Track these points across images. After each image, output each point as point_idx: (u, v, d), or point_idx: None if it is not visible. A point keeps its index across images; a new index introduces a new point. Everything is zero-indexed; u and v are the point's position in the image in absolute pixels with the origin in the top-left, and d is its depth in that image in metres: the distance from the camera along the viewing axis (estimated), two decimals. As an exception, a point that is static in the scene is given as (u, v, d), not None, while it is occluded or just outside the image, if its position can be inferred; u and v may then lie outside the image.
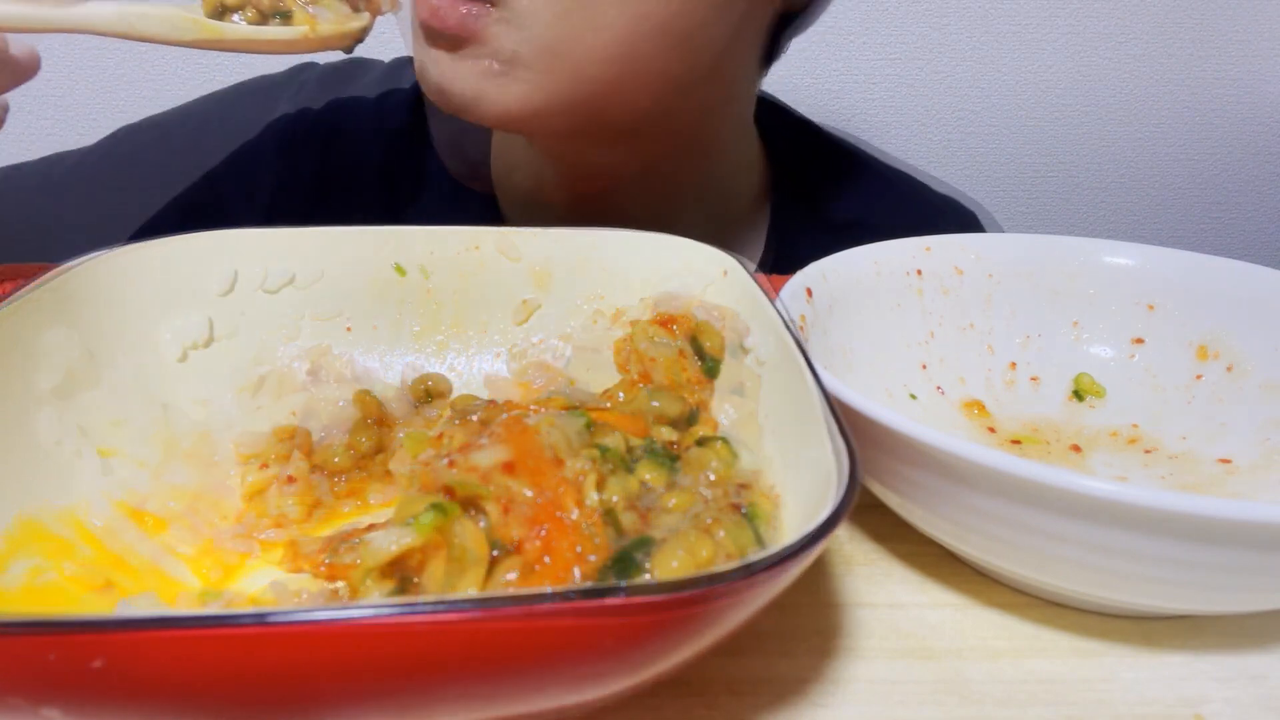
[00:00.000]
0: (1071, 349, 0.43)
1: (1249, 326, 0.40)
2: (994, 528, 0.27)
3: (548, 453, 0.27)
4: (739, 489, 0.29)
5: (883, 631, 0.29)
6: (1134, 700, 0.27)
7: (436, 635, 0.18)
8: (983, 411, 0.40)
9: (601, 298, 0.39)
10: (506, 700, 0.20)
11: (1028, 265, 0.43)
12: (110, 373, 0.33)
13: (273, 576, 0.29)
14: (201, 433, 0.34)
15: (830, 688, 0.27)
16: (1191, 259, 0.42)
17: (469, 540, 0.24)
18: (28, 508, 0.28)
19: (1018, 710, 0.26)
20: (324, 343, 0.38)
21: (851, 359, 0.38)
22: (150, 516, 0.31)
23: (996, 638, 0.29)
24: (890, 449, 0.28)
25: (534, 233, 0.39)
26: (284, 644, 0.18)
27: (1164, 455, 0.38)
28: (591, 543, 0.24)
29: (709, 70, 0.54)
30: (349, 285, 0.38)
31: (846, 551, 0.33)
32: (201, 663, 0.18)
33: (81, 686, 0.18)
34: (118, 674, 0.18)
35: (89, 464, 0.31)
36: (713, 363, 0.36)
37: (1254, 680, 0.28)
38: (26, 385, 0.30)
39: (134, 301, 0.35)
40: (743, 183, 0.67)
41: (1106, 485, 0.24)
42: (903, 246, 0.42)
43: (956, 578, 0.32)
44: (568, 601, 0.18)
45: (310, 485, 0.33)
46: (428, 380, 0.37)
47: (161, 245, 0.36)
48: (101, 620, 0.17)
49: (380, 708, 0.20)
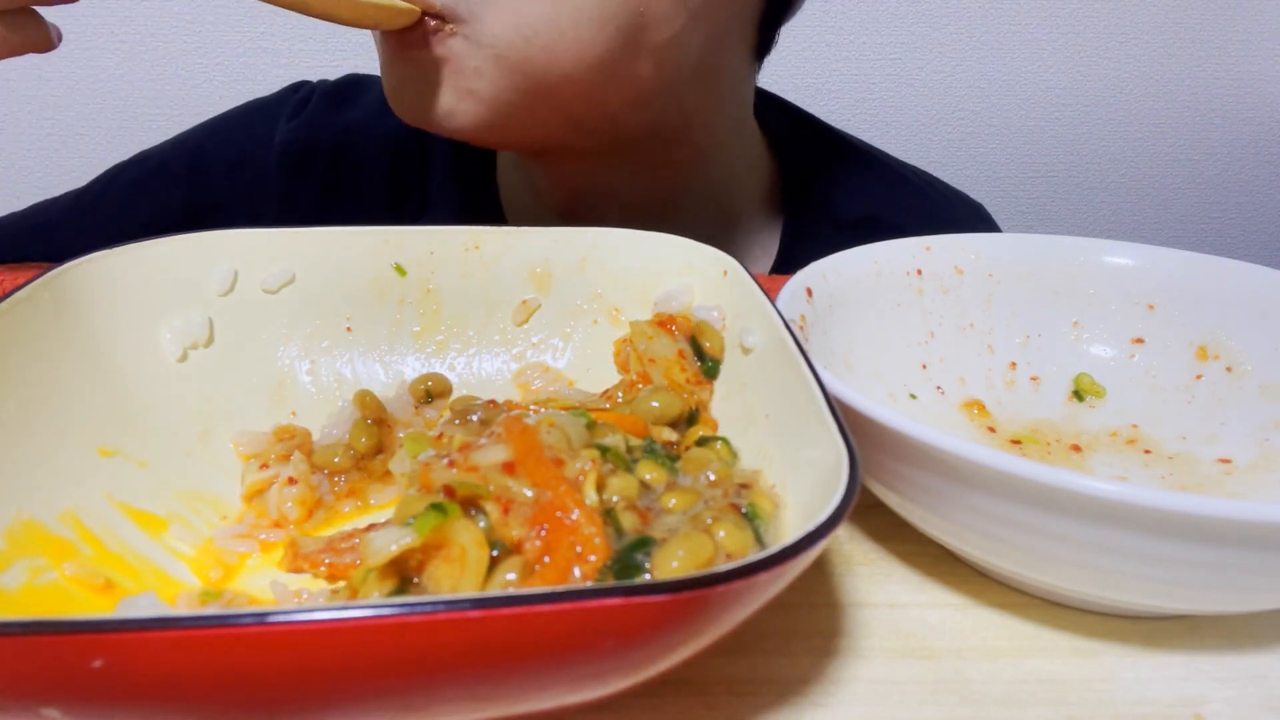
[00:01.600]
0: (1071, 349, 0.43)
1: (1249, 327, 0.40)
2: (994, 528, 0.27)
3: (548, 453, 0.27)
4: (739, 489, 0.29)
5: (883, 631, 0.29)
6: (1134, 700, 0.27)
7: (436, 635, 0.18)
8: (983, 411, 0.40)
9: (601, 297, 0.39)
10: (506, 699, 0.20)
11: (1028, 265, 0.43)
12: (110, 373, 0.33)
13: (273, 576, 0.29)
14: (201, 433, 0.34)
15: (830, 688, 0.27)
16: (1191, 259, 0.42)
17: (469, 540, 0.24)
18: (28, 508, 0.28)
19: (1018, 710, 0.26)
20: (324, 343, 0.38)
21: (851, 359, 0.38)
22: (150, 516, 0.31)
23: (996, 638, 0.29)
24: (890, 449, 0.28)
25: (534, 232, 0.39)
26: (284, 644, 0.18)
27: (1163, 455, 0.38)
28: (591, 543, 0.24)
29: (692, 73, 0.54)
30: (349, 285, 0.38)
31: (846, 551, 0.33)
32: (201, 663, 0.18)
33: (81, 686, 0.18)
34: (118, 674, 0.18)
35: (89, 464, 0.31)
36: (712, 363, 0.36)
37: (1254, 680, 0.28)
38: (27, 385, 0.30)
39: (134, 301, 0.35)
40: (747, 183, 0.67)
41: (1106, 485, 0.24)
42: (903, 246, 0.42)
43: (956, 578, 0.32)
44: (568, 601, 0.18)
45: (310, 486, 0.33)
46: (428, 380, 0.37)
47: (161, 245, 0.36)
48: (101, 620, 0.17)
49: (380, 707, 0.20)
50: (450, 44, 0.47)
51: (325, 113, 0.69)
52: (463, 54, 0.47)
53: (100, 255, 0.34)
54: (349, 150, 0.68)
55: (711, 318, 0.36)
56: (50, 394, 0.31)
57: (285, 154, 0.67)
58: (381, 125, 0.68)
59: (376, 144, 0.68)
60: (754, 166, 0.67)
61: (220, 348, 0.36)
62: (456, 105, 0.49)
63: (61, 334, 0.32)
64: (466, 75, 0.48)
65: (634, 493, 0.28)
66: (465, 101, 0.49)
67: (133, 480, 0.31)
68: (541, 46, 0.46)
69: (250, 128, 0.70)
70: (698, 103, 0.58)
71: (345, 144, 0.68)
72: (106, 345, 0.34)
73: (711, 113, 0.60)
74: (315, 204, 0.66)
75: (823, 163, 0.69)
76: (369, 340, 0.38)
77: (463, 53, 0.47)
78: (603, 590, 0.19)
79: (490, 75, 0.48)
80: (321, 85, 0.72)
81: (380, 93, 0.70)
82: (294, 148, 0.68)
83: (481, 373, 0.39)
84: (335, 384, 0.37)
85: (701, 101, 0.58)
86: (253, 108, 0.72)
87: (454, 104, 0.49)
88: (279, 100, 0.71)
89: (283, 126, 0.69)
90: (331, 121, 0.69)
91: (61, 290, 0.32)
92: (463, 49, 0.47)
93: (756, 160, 0.68)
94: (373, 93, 0.71)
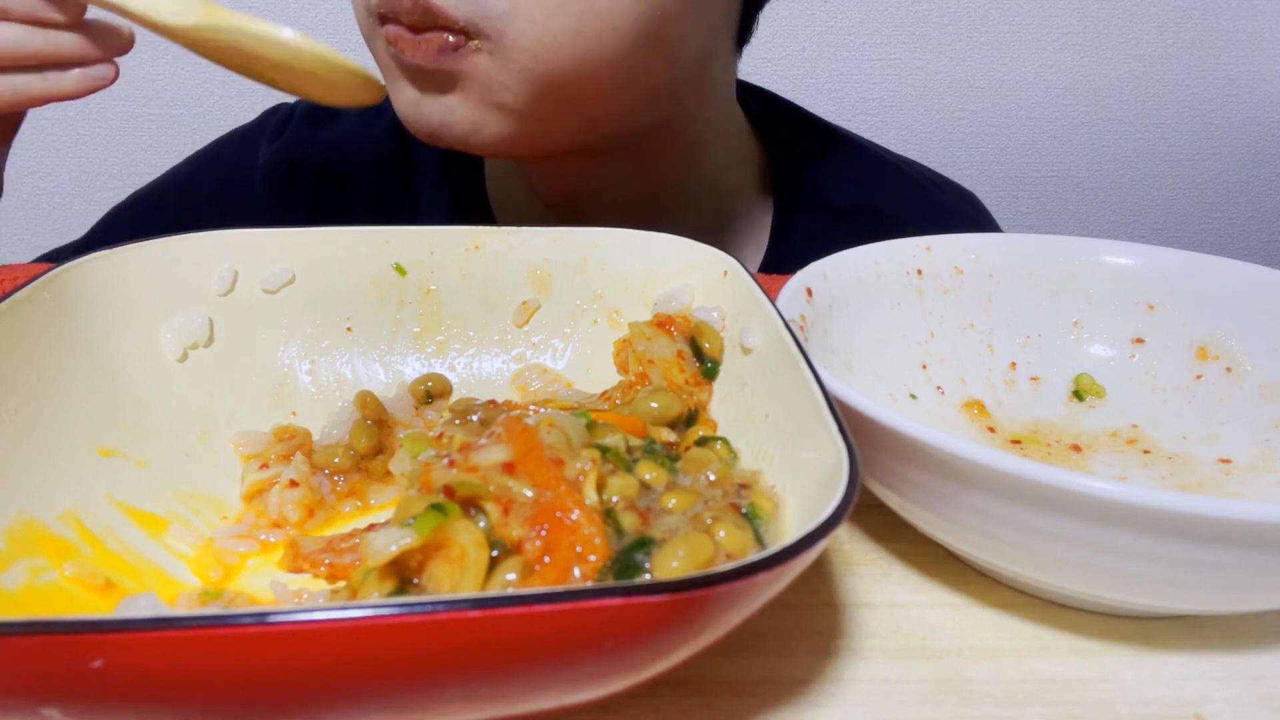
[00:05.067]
0: (1071, 349, 0.43)
1: (1248, 327, 0.40)
2: (994, 528, 0.27)
3: (548, 453, 0.27)
4: (739, 489, 0.29)
5: (883, 631, 0.29)
6: (1134, 700, 0.27)
7: (436, 635, 0.18)
8: (983, 412, 0.40)
9: (601, 298, 0.39)
10: (506, 699, 0.20)
11: (1028, 265, 0.43)
12: (110, 373, 0.33)
13: (273, 576, 0.29)
14: (201, 432, 0.34)
15: (830, 688, 0.27)
16: (1191, 259, 0.42)
17: (469, 540, 0.24)
18: (28, 508, 0.28)
19: (1018, 710, 0.26)
20: (324, 343, 0.38)
21: (851, 359, 0.38)
22: (150, 516, 0.31)
23: (996, 638, 0.29)
24: (890, 449, 0.28)
25: (534, 232, 0.39)
26: (284, 644, 0.18)
27: (1163, 455, 0.38)
28: (591, 543, 0.24)
29: (692, 64, 0.54)
30: (349, 285, 0.38)
31: (846, 551, 0.33)
32: (201, 663, 0.18)
33: (81, 686, 0.18)
34: (118, 674, 0.18)
35: (89, 464, 0.31)
36: (711, 364, 0.36)
37: (1254, 680, 0.28)
38: (27, 385, 0.30)
39: (134, 301, 0.35)
40: (738, 173, 0.67)
41: (1106, 485, 0.24)
42: (903, 246, 0.42)
43: (956, 578, 0.32)
44: (568, 601, 0.18)
45: (311, 488, 0.33)
46: (428, 381, 0.37)
47: (161, 245, 0.36)
48: (101, 620, 0.17)
49: (380, 707, 0.20)
50: (474, 60, 0.46)
51: (307, 130, 0.69)
52: (488, 69, 0.46)
53: (100, 255, 0.34)
54: (334, 165, 0.67)
55: (711, 318, 0.36)
56: (50, 394, 0.31)
57: (270, 174, 0.68)
58: (364, 138, 0.68)
59: (361, 157, 0.67)
60: (743, 157, 0.67)
61: (220, 348, 0.36)
62: (483, 120, 0.49)
63: (61, 334, 0.32)
64: (492, 90, 0.47)
65: (634, 493, 0.28)
66: (491, 116, 0.48)
67: (133, 480, 0.31)
68: (567, 55, 0.46)
69: (234, 155, 0.70)
70: (693, 94, 0.58)
71: (329, 159, 0.68)
72: (106, 345, 0.34)
73: (705, 103, 0.60)
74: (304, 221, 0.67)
75: (811, 152, 0.68)
76: (369, 340, 0.38)
77: (488, 68, 0.46)
78: (603, 590, 0.19)
79: (516, 88, 0.47)
80: (301, 104, 0.72)
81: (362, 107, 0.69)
82: (278, 167, 0.68)
83: (481, 373, 0.39)
84: (335, 384, 0.37)
85: (697, 92, 0.58)
86: (235, 135, 0.72)
87: (479, 119, 0.49)
88: (259, 124, 0.72)
89: (265, 148, 0.69)
90: (314, 138, 0.69)
91: (61, 290, 0.32)
92: (488, 64, 0.46)
93: (745, 150, 0.67)
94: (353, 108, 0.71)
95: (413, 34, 0.46)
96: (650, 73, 0.50)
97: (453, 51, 0.46)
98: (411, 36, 0.46)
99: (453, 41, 0.46)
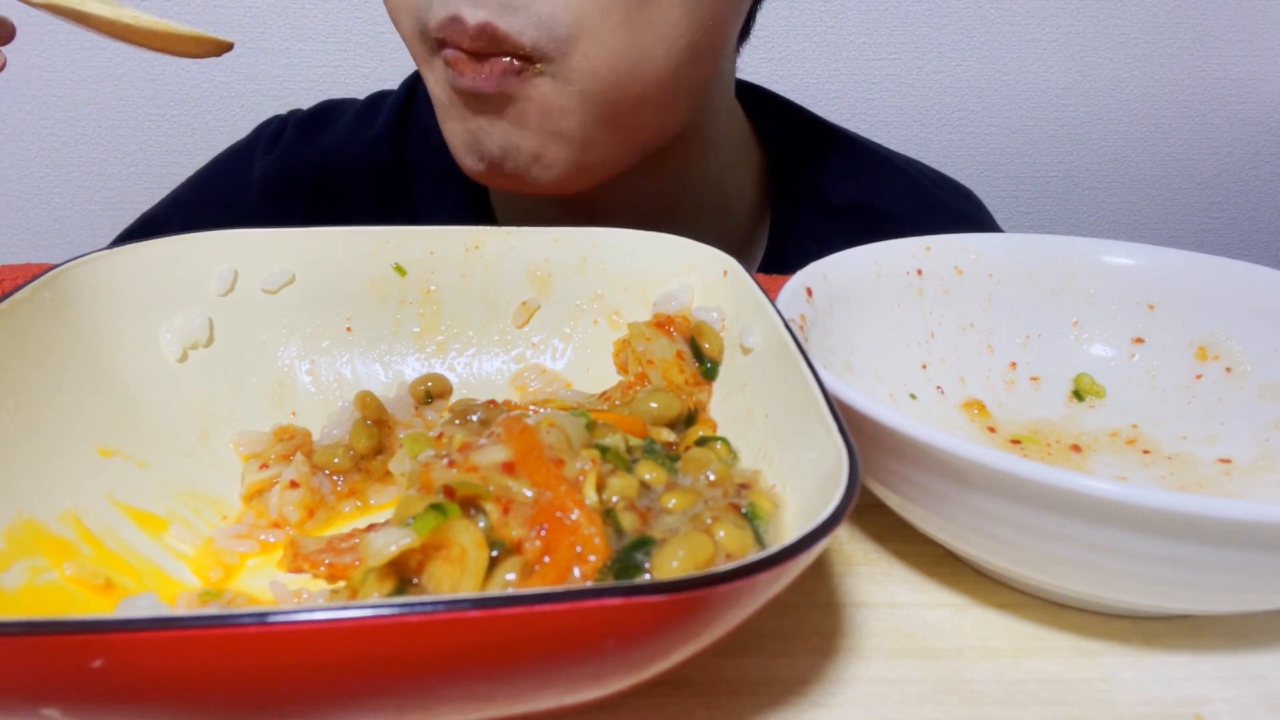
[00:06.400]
0: (1071, 349, 0.43)
1: (1248, 327, 0.40)
2: (994, 528, 0.27)
3: (548, 453, 0.27)
4: (739, 489, 0.29)
5: (883, 631, 0.29)
6: (1134, 700, 0.27)
7: (436, 635, 0.18)
8: (983, 412, 0.40)
9: (601, 298, 0.39)
10: (506, 700, 0.20)
11: (1028, 265, 0.43)
12: (110, 373, 0.33)
13: (273, 576, 0.29)
14: (201, 433, 0.34)
15: (830, 688, 0.27)
16: (1191, 259, 0.42)
17: (469, 540, 0.24)
18: (28, 508, 0.28)
19: (1018, 710, 0.26)
20: (324, 343, 0.38)
21: (851, 359, 0.38)
22: (150, 516, 0.31)
23: (996, 638, 0.29)
24: (890, 449, 0.28)
25: (534, 232, 0.39)
26: (284, 644, 0.18)
27: (1163, 455, 0.38)
28: (591, 543, 0.24)
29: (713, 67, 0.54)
30: (349, 285, 0.38)
31: (846, 551, 0.33)
32: (201, 663, 0.18)
33: (81, 686, 0.18)
34: (118, 674, 0.18)
35: (89, 464, 0.31)
36: (711, 364, 0.36)
37: (1254, 680, 0.28)
38: (27, 385, 0.30)
39: (134, 301, 0.35)
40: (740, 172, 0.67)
41: (1106, 485, 0.24)
42: (902, 246, 0.42)
43: (956, 578, 0.32)
44: (568, 601, 0.18)
45: (311, 488, 0.33)
46: (428, 381, 0.37)
47: (161, 245, 0.36)
48: (101, 620, 0.17)
49: (380, 707, 0.20)
50: (536, 83, 0.46)
51: (301, 141, 0.69)
52: (549, 93, 0.46)
53: (100, 255, 0.34)
54: (329, 175, 0.67)
55: (711, 319, 0.36)
56: (50, 394, 0.31)
57: (266, 187, 0.67)
58: (359, 145, 0.68)
59: (356, 164, 0.67)
60: (744, 155, 0.67)
61: (220, 348, 0.36)
62: (543, 148, 0.48)
63: (61, 334, 0.32)
64: (550, 115, 0.47)
65: (634, 493, 0.28)
66: (550, 143, 0.48)
67: (133, 480, 0.31)
68: (625, 73, 0.46)
69: (230, 172, 0.70)
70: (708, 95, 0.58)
71: (325, 169, 0.67)
72: (106, 345, 0.34)
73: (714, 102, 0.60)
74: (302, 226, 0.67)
75: (810, 150, 0.68)
76: (369, 340, 0.38)
77: (549, 92, 0.46)
78: (603, 590, 0.19)
79: (576, 112, 0.47)
80: (294, 116, 0.72)
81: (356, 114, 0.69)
82: (274, 180, 0.68)
83: (481, 373, 0.39)
84: (335, 384, 0.37)
85: (710, 93, 0.58)
86: (229, 154, 0.72)
87: (542, 148, 0.48)
88: (253, 139, 0.72)
89: (259, 162, 0.69)
90: (308, 148, 0.68)
91: (61, 290, 0.32)
92: (550, 89, 0.46)
93: (746, 148, 0.67)
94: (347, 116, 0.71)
95: (475, 59, 0.45)
96: (694, 86, 0.51)
97: (515, 75, 0.45)
98: (474, 61, 0.45)
99: (517, 65, 0.45)
